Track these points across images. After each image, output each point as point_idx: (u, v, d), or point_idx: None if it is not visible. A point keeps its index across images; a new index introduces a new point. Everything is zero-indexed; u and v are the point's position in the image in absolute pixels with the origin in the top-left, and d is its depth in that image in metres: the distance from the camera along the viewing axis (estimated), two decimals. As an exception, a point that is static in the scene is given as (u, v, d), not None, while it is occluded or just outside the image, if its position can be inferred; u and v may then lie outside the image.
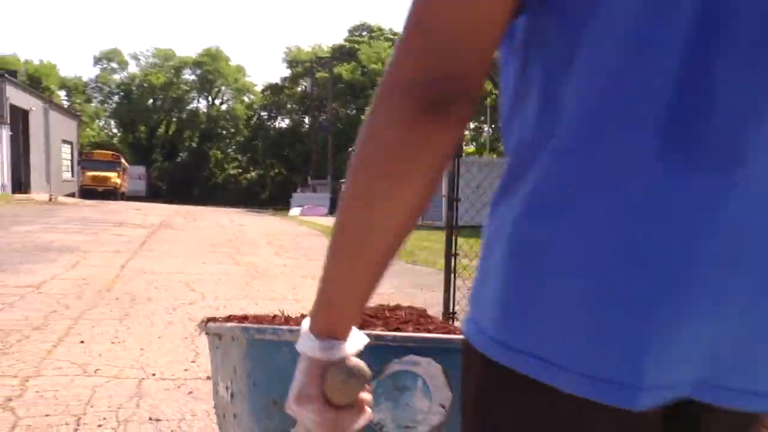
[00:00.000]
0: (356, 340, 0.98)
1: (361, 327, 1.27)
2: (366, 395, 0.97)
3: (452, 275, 5.96)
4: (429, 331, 1.91)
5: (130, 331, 6.54)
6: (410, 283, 10.34)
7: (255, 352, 1.70)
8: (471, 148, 38.13)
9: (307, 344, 0.95)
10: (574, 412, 0.76)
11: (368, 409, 0.97)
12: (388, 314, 2.13)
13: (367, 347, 0.99)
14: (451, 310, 5.86)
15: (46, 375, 5.07)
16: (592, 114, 0.75)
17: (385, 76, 0.81)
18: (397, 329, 1.85)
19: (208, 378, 5.05)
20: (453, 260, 5.94)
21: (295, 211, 38.30)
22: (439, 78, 0.76)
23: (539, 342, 0.77)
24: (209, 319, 2.17)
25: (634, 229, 0.72)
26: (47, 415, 4.22)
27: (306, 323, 0.98)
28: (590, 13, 0.74)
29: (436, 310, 7.97)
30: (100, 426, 4.06)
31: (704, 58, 0.70)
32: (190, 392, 4.73)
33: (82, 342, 6.08)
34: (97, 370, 5.24)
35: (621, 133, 0.74)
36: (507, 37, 0.86)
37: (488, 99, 30.65)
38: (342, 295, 0.98)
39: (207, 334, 2.18)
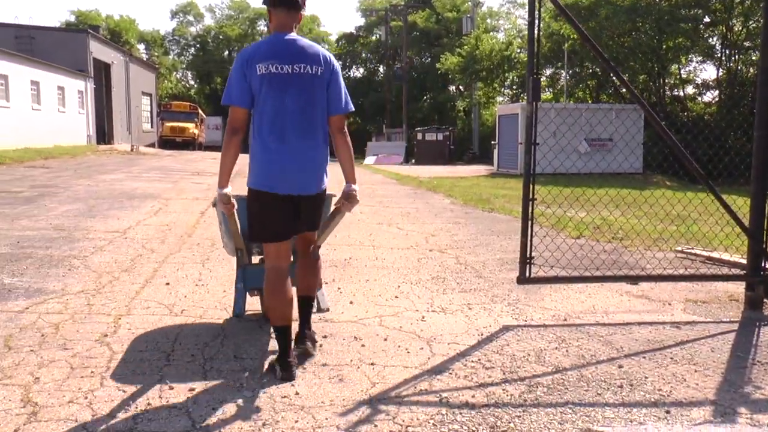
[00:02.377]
0: (227, 189, 4.04)
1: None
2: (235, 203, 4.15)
3: (529, 221, 5.88)
4: None
5: (213, 275, 6.73)
6: (487, 230, 10.28)
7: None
8: (548, 95, 37.27)
9: (219, 191, 4.05)
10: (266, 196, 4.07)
11: (235, 204, 4.16)
12: None
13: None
14: (528, 255, 5.79)
15: (136, 314, 5.28)
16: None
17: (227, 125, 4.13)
18: None
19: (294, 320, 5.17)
20: (531, 205, 5.85)
21: (370, 159, 38.42)
22: (233, 128, 4.05)
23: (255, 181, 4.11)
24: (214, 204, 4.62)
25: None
26: (140, 351, 4.40)
27: (219, 188, 4.04)
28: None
29: (512, 257, 7.93)
30: (188, 362, 4.22)
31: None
32: (272, 333, 4.84)
33: (167, 284, 6.30)
34: (183, 310, 5.42)
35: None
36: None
37: (566, 44, 29.81)
38: (222, 176, 4.02)
39: (213, 205, 4.73)
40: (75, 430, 3.27)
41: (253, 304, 5.30)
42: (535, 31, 5.63)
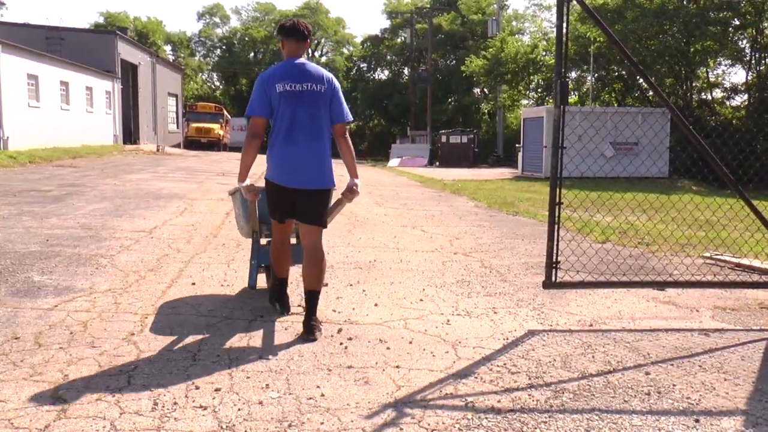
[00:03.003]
0: (247, 181, 5.09)
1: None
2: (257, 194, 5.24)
3: (556, 225, 5.84)
4: None
5: (238, 275, 6.77)
6: (512, 233, 10.23)
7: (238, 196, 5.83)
8: (574, 98, 37.00)
9: (245, 184, 5.10)
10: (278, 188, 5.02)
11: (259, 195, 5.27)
12: None
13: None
14: (554, 260, 5.76)
15: (162, 313, 5.32)
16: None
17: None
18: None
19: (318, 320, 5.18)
20: (557, 209, 5.82)
21: (394, 161, 38.41)
22: (253, 133, 5.04)
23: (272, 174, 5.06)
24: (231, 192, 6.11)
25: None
26: (166, 350, 4.44)
27: (240, 181, 5.11)
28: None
29: (537, 261, 7.89)
30: (214, 362, 4.24)
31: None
32: (297, 334, 4.86)
33: (193, 284, 6.34)
34: (209, 310, 5.46)
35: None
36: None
37: (592, 47, 29.61)
38: (242, 172, 5.04)
39: (231, 194, 6.24)
40: (103, 428, 3.30)
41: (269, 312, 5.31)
42: (563, 34, 5.61)
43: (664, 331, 5.27)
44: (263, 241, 6.01)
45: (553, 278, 5.74)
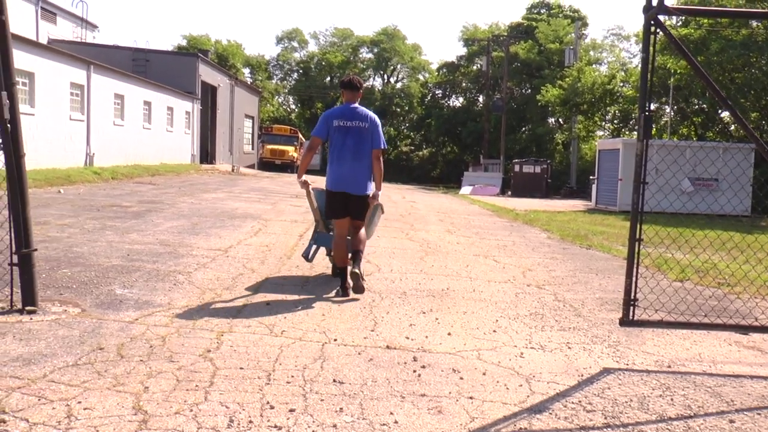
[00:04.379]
0: (305, 178, 7.38)
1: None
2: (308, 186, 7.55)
3: (635, 261, 5.71)
4: None
5: (311, 297, 6.84)
6: (585, 267, 10.05)
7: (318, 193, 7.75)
8: (652, 131, 36.28)
9: (298, 180, 7.45)
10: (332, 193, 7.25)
11: (310, 184, 7.54)
12: None
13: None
14: (632, 297, 5.62)
15: (237, 331, 5.41)
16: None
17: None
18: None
19: (388, 347, 5.21)
20: (637, 245, 5.69)
21: (465, 189, 38.32)
22: (310, 146, 7.46)
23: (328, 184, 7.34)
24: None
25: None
26: (241, 368, 4.51)
27: (298, 178, 7.48)
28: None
29: (611, 296, 7.73)
30: (288, 383, 4.29)
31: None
32: (371, 359, 4.88)
33: (267, 304, 6.44)
34: (283, 331, 5.52)
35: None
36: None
37: (671, 79, 29.01)
38: (300, 171, 7.41)
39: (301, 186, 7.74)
40: (181, 443, 3.37)
41: (353, 330, 5.33)
42: (649, 68, 5.53)
43: (749, 378, 5.07)
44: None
45: (631, 316, 5.61)
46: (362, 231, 7.35)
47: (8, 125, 5.44)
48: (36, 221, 5.76)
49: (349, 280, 7.03)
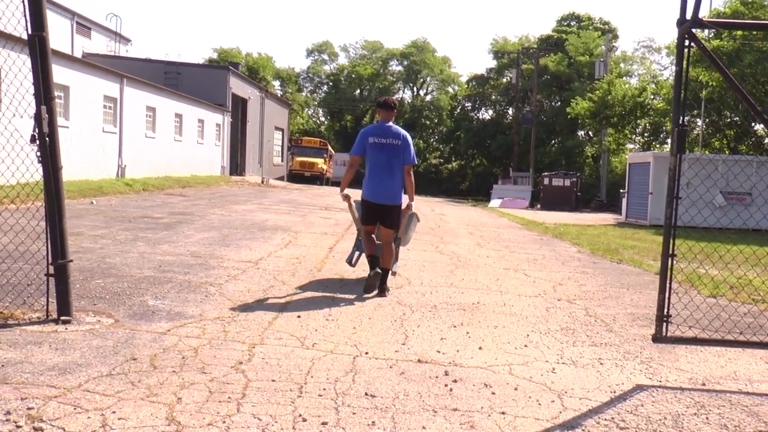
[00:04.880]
0: (348, 192, 8.11)
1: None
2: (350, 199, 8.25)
3: (668, 276, 5.64)
4: None
5: (342, 310, 6.85)
6: (616, 281, 9.96)
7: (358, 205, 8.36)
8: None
9: (341, 193, 8.20)
10: (367, 203, 8.04)
11: (353, 203, 8.27)
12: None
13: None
14: (666, 313, 5.56)
15: (269, 344, 5.44)
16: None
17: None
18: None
19: (419, 361, 5.20)
20: (670, 261, 5.62)
21: (495, 202, 38.20)
22: (350, 164, 8.34)
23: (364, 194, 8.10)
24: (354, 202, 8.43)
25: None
26: (273, 380, 4.53)
27: (341, 191, 8.21)
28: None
29: (643, 312, 7.64)
30: (320, 396, 4.29)
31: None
32: (402, 373, 4.87)
33: (299, 316, 6.46)
34: (314, 343, 5.54)
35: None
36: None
37: (703, 92, 28.69)
38: (343, 185, 8.15)
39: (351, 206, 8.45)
40: (215, 454, 3.39)
41: (384, 343, 5.32)
42: (682, 80, 5.48)
43: (785, 396, 4.98)
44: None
45: (664, 332, 5.55)
46: (392, 247, 8.15)
47: (47, 138, 5.55)
48: (69, 232, 5.85)
49: (374, 283, 7.75)
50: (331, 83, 73.99)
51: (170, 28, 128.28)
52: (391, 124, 8.06)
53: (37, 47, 5.51)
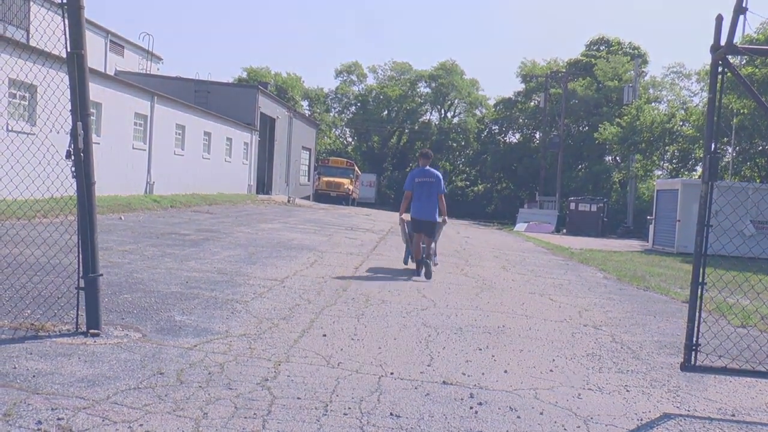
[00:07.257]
0: (407, 216, 12.26)
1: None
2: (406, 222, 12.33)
3: (698, 305, 5.58)
4: None
5: (367, 330, 6.86)
6: (643, 309, 9.86)
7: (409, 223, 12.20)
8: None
9: (400, 216, 12.51)
10: (414, 219, 12.02)
11: (405, 224, 12.38)
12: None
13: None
14: (695, 342, 5.49)
15: (294, 361, 5.46)
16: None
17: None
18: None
19: (444, 383, 5.18)
20: (699, 289, 5.57)
21: (520, 226, 38.03)
22: (406, 197, 12.09)
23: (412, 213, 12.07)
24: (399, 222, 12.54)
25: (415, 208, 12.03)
26: (298, 398, 4.54)
27: (400, 215, 12.50)
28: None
29: (670, 340, 7.56)
30: (345, 414, 4.30)
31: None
32: (427, 394, 4.86)
33: (324, 335, 6.47)
34: (339, 362, 5.55)
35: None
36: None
37: (734, 119, 28.44)
38: (402, 211, 12.31)
39: (399, 223, 12.70)
40: (240, 470, 3.40)
41: (409, 364, 5.31)
42: (716, 107, 5.46)
43: (817, 428, 4.89)
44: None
45: (693, 361, 5.48)
46: (432, 245, 11.79)
47: (82, 154, 5.65)
48: (99, 247, 5.92)
49: (423, 271, 11.35)
50: (359, 104, 74.32)
51: (201, 47, 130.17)
52: (428, 167, 12.02)
53: (75, 64, 5.63)
